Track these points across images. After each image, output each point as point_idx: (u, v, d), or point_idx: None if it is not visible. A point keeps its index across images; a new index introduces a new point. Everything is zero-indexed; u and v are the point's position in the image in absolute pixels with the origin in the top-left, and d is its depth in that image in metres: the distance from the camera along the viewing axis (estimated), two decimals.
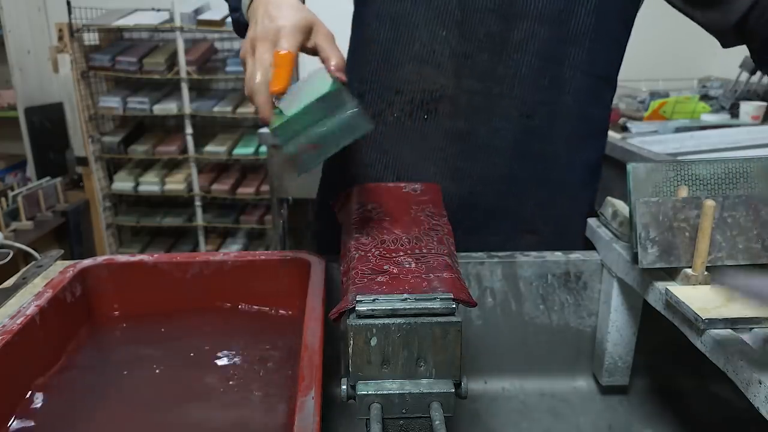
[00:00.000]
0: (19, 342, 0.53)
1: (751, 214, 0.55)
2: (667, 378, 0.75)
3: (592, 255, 0.73)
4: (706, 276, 0.55)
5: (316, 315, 0.56)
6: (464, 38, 0.73)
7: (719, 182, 0.59)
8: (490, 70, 0.74)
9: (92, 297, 0.68)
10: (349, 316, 0.43)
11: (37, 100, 2.88)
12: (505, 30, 0.73)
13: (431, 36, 0.74)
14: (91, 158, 2.78)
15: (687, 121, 1.85)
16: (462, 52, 0.74)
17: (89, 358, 0.62)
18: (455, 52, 0.74)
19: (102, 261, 0.68)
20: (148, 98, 2.78)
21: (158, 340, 0.66)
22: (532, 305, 0.74)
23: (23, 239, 2.03)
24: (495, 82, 0.75)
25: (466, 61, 0.74)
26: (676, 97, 2.01)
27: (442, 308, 0.43)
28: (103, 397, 0.56)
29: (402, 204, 0.65)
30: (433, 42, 0.75)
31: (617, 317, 0.69)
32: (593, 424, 0.71)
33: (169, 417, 0.54)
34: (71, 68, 2.65)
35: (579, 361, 0.76)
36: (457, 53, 0.74)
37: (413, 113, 0.77)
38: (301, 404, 0.43)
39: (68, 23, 2.61)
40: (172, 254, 0.71)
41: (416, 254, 0.53)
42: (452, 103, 0.76)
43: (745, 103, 1.86)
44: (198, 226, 2.94)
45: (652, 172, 0.59)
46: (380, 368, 0.43)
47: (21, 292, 0.70)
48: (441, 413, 0.42)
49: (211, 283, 0.69)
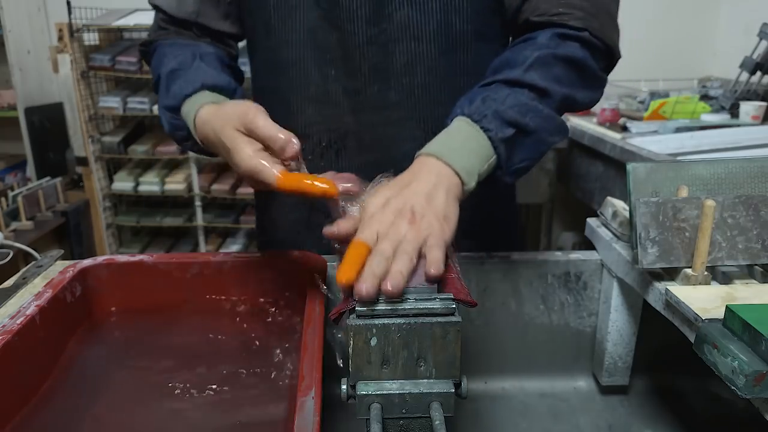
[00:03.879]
0: (19, 342, 0.53)
1: (751, 214, 0.55)
2: (667, 378, 0.75)
3: (592, 255, 0.73)
4: (706, 276, 0.55)
5: (316, 315, 0.56)
6: (351, 75, 0.74)
7: (719, 182, 0.59)
8: (384, 99, 0.75)
9: (92, 297, 0.68)
10: (349, 316, 0.43)
11: (37, 100, 2.88)
12: (387, 58, 0.73)
13: (323, 77, 0.75)
14: (91, 158, 2.78)
15: (687, 121, 1.85)
16: (353, 89, 0.74)
17: (89, 358, 0.62)
18: (347, 90, 0.75)
19: (102, 261, 0.68)
20: (148, 98, 2.78)
21: (158, 339, 0.66)
22: (532, 305, 0.74)
23: (23, 239, 2.03)
24: (392, 110, 0.75)
25: (358, 96, 0.75)
26: (676, 97, 2.01)
27: (442, 308, 0.43)
28: (103, 397, 0.56)
29: None
30: (326, 83, 0.75)
31: (617, 317, 0.69)
32: (593, 424, 0.71)
33: (169, 417, 0.54)
34: (71, 68, 2.64)
35: (579, 361, 0.76)
36: (348, 90, 0.75)
37: (324, 154, 0.78)
38: (301, 404, 0.43)
39: (68, 23, 2.60)
40: (172, 254, 0.71)
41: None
42: (357, 138, 0.77)
43: (745, 103, 1.86)
44: (198, 226, 2.93)
45: (652, 172, 0.59)
46: (380, 368, 0.43)
47: (21, 292, 0.70)
48: (441, 413, 0.42)
49: (211, 283, 0.69)
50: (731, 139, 1.60)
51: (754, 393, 0.41)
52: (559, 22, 0.65)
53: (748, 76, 1.95)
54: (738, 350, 0.42)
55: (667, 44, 2.48)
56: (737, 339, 0.44)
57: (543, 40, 0.64)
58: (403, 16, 0.71)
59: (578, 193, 2.08)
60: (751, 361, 0.41)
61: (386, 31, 0.71)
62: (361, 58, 0.73)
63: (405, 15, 0.70)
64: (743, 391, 0.41)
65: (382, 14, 0.71)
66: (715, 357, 0.44)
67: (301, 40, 0.74)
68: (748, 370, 0.41)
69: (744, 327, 0.43)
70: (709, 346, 0.45)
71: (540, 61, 0.62)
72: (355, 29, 0.71)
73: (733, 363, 0.42)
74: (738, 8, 2.40)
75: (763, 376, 0.41)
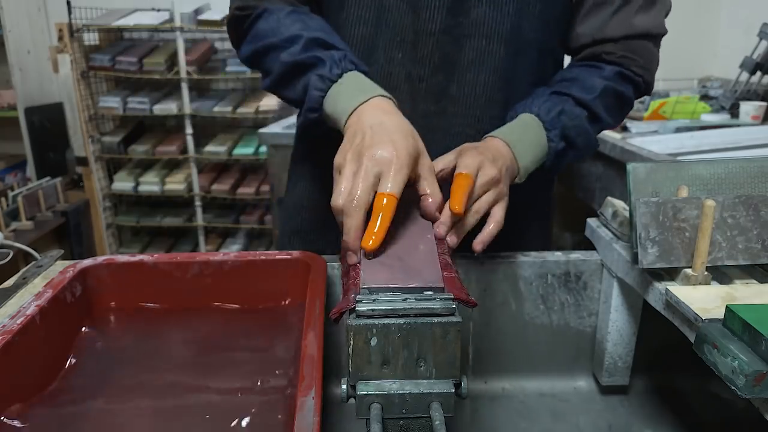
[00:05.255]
0: (19, 342, 0.53)
1: (751, 214, 0.55)
2: (667, 378, 0.75)
3: (592, 255, 0.73)
4: (706, 276, 0.55)
5: (316, 315, 0.56)
6: (418, 61, 0.74)
7: (719, 182, 0.59)
8: (444, 90, 0.75)
9: (92, 297, 0.68)
10: (349, 316, 0.44)
11: (37, 100, 2.88)
12: (456, 51, 0.73)
13: (388, 59, 0.75)
14: (91, 158, 2.78)
15: (687, 121, 1.85)
16: (417, 75, 0.75)
17: (89, 358, 0.62)
18: (410, 75, 0.75)
19: (102, 261, 0.68)
20: (148, 98, 2.78)
21: (158, 339, 0.66)
22: (532, 305, 0.74)
23: (23, 239, 2.03)
24: (449, 103, 0.76)
25: (420, 83, 0.75)
26: (676, 97, 2.01)
27: (442, 308, 0.43)
28: (103, 397, 0.56)
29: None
30: (390, 65, 0.75)
31: (617, 317, 0.69)
32: (593, 424, 0.71)
33: (168, 417, 0.54)
34: (71, 68, 2.65)
35: (579, 361, 0.76)
36: (412, 76, 0.75)
37: None
38: (301, 404, 0.43)
39: (68, 23, 2.61)
40: (172, 254, 0.71)
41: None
42: None
43: (745, 103, 1.86)
44: (198, 226, 2.94)
45: (652, 172, 0.59)
46: (380, 368, 0.43)
47: (21, 292, 0.70)
48: (441, 413, 0.42)
49: (211, 283, 0.69)
50: (731, 139, 1.60)
51: (754, 393, 0.41)
52: (625, 65, 0.75)
53: (748, 76, 1.95)
54: (738, 350, 0.42)
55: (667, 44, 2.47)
56: (737, 339, 0.44)
57: (609, 74, 0.74)
58: (480, 13, 0.72)
59: (578, 193, 2.08)
60: (751, 361, 0.41)
61: (462, 24, 0.72)
62: (433, 45, 0.73)
63: (482, 12, 0.72)
64: (743, 391, 0.41)
65: (461, 7, 0.72)
66: (715, 357, 0.44)
67: (374, 18, 0.73)
68: (748, 370, 0.41)
69: (744, 327, 0.43)
70: (709, 346, 0.45)
71: (605, 92, 0.73)
72: (433, 16, 0.72)
73: (733, 363, 0.42)
74: (738, 8, 2.40)
75: (763, 376, 0.41)
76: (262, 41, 0.70)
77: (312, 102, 0.65)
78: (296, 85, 0.68)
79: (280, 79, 0.70)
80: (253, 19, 0.73)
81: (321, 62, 0.65)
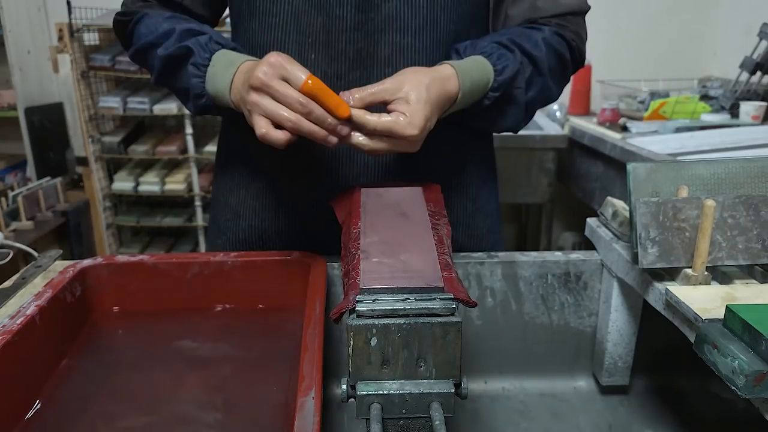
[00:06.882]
0: (19, 342, 0.53)
1: (751, 214, 0.55)
2: (667, 378, 0.75)
3: (592, 255, 0.73)
4: (706, 276, 0.55)
5: (316, 315, 0.56)
6: (334, 59, 0.75)
7: (719, 182, 0.59)
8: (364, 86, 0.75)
9: (92, 297, 0.68)
10: (349, 316, 0.43)
11: (37, 100, 2.88)
12: (371, 46, 0.74)
13: (302, 61, 0.74)
14: (91, 158, 2.78)
15: (687, 121, 1.85)
16: (334, 73, 0.75)
17: (89, 358, 0.62)
18: (327, 74, 0.75)
19: (102, 261, 0.68)
20: (148, 98, 2.78)
21: (158, 339, 0.66)
22: (532, 305, 0.74)
23: (23, 239, 2.03)
24: None
25: (338, 81, 0.75)
26: (676, 97, 2.01)
27: (442, 308, 0.43)
28: (103, 396, 0.56)
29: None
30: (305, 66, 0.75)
31: (617, 317, 0.69)
32: (593, 424, 0.71)
33: (168, 416, 0.54)
34: (71, 68, 2.64)
35: (579, 361, 0.76)
36: (329, 75, 0.75)
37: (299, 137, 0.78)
38: (301, 404, 0.43)
39: (68, 23, 2.60)
40: (172, 254, 0.71)
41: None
42: None
43: (745, 103, 1.86)
44: (198, 226, 2.93)
45: (652, 172, 0.59)
46: (380, 368, 0.43)
47: (21, 292, 0.70)
48: (441, 413, 0.42)
49: (211, 283, 0.69)
50: (731, 139, 1.60)
51: (754, 393, 0.41)
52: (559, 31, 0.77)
53: (748, 76, 1.95)
54: (738, 350, 0.42)
55: (667, 44, 2.48)
56: (737, 339, 0.44)
57: (548, 34, 0.76)
58: (390, 8, 0.72)
59: (578, 193, 2.08)
60: (751, 361, 0.41)
61: (373, 20, 0.73)
62: (346, 43, 0.74)
63: (392, 7, 0.72)
64: (743, 391, 0.41)
65: (371, 3, 0.72)
66: (715, 357, 0.44)
67: (284, 23, 0.75)
68: (748, 370, 0.41)
69: (744, 327, 0.43)
70: (709, 346, 0.45)
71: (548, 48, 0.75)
72: (343, 14, 0.73)
73: (733, 363, 0.42)
74: (738, 8, 2.40)
75: (763, 376, 0.41)
76: (142, 41, 0.76)
77: (196, 90, 0.70)
78: (179, 76, 0.73)
79: (162, 74, 0.74)
80: (134, 23, 0.79)
81: (191, 51, 0.70)
